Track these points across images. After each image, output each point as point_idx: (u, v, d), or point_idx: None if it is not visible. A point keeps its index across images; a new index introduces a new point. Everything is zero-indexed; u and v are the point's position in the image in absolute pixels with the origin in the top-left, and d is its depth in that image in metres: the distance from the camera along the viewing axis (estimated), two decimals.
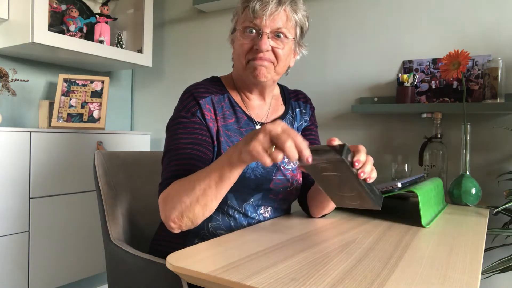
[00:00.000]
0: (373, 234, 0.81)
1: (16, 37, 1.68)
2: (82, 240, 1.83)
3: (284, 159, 0.97)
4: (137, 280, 0.89)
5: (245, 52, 0.92)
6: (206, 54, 2.15)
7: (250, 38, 0.91)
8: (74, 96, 1.93)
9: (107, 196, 1.05)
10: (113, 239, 0.99)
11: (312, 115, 1.11)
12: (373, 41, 1.67)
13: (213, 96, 0.94)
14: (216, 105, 0.94)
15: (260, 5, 0.88)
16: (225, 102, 0.96)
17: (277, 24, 0.90)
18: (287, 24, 0.92)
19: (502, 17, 1.42)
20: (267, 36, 0.90)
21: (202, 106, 0.91)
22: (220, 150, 0.90)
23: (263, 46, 0.89)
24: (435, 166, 1.36)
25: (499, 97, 1.34)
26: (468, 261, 0.64)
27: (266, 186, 0.94)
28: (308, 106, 1.11)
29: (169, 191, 0.80)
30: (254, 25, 0.90)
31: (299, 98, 1.11)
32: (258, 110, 1.01)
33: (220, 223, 0.92)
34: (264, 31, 0.89)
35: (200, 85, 0.95)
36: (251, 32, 0.90)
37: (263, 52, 0.90)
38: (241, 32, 0.91)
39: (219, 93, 0.96)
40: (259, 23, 0.89)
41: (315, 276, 0.55)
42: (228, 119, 0.95)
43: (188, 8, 2.22)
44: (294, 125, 1.06)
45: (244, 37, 0.91)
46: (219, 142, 0.91)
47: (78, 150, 1.81)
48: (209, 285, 0.56)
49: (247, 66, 0.93)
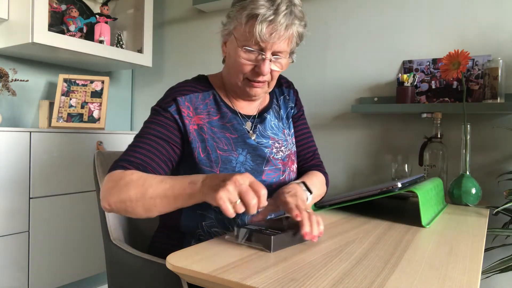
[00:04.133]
0: (373, 234, 0.81)
1: (16, 37, 1.68)
2: (82, 240, 1.83)
3: (272, 154, 0.99)
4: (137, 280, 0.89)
5: (245, 71, 0.91)
6: (206, 54, 2.15)
7: (252, 58, 0.89)
8: (74, 96, 1.93)
9: None
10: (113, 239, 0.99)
11: (297, 100, 1.12)
12: (373, 41, 1.67)
13: (195, 94, 0.95)
14: (198, 102, 0.94)
15: (267, 29, 0.84)
16: (210, 99, 0.97)
17: (279, 48, 0.89)
18: (288, 46, 0.91)
19: (502, 17, 1.42)
20: (269, 60, 0.89)
21: (180, 103, 0.92)
22: (206, 148, 0.91)
23: (266, 71, 0.89)
24: (435, 166, 1.36)
25: (499, 97, 1.34)
26: (468, 261, 0.64)
27: (258, 178, 0.95)
28: (292, 91, 1.11)
29: (122, 175, 0.80)
30: (258, 48, 0.88)
31: (281, 84, 1.11)
32: (247, 107, 1.02)
33: (213, 221, 0.92)
34: (267, 56, 0.88)
35: (183, 84, 0.97)
36: (252, 52, 0.89)
37: (263, 75, 0.90)
38: (243, 51, 0.89)
39: (203, 90, 0.97)
40: (264, 46, 0.87)
41: (315, 276, 0.55)
42: (213, 116, 0.96)
43: (188, 8, 2.22)
44: (281, 114, 1.07)
45: (245, 56, 0.89)
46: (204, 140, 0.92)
47: (78, 150, 1.81)
48: (209, 285, 0.55)
49: (243, 83, 0.93)
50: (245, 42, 0.88)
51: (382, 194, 0.92)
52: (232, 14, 0.91)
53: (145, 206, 0.76)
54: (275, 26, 0.84)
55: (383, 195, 0.92)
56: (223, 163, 0.92)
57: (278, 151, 1.01)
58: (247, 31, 0.86)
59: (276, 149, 1.01)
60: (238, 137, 0.96)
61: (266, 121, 1.02)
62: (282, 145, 1.03)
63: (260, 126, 1.01)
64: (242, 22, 0.86)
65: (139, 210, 0.77)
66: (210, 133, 0.93)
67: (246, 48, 0.88)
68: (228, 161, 0.92)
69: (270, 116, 1.04)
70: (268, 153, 0.98)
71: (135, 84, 2.48)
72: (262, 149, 0.98)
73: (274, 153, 1.00)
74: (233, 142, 0.95)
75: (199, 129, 0.92)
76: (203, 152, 0.91)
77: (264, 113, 1.04)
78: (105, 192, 0.80)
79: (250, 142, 0.96)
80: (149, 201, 0.75)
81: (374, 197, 0.93)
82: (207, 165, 0.91)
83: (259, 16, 0.84)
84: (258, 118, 1.02)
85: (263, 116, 1.03)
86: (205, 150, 0.91)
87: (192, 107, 0.93)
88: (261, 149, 0.98)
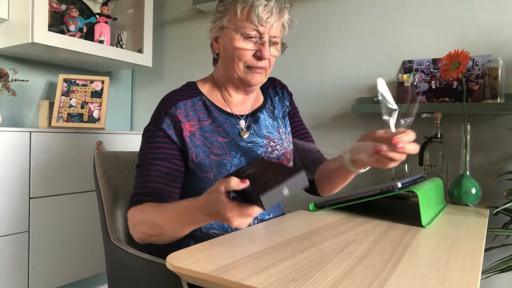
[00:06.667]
0: (373, 234, 0.81)
1: (16, 37, 1.68)
2: (82, 240, 1.83)
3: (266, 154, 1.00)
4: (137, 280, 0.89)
5: (245, 58, 0.93)
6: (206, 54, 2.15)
7: (251, 44, 0.92)
8: (74, 96, 1.93)
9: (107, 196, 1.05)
10: (113, 239, 0.99)
11: (291, 100, 1.15)
12: (373, 41, 1.67)
13: (184, 101, 0.96)
14: (189, 108, 0.95)
15: (263, 13, 0.89)
16: (199, 105, 0.97)
17: (275, 33, 0.93)
18: (282, 32, 0.96)
19: (502, 17, 1.42)
20: (268, 44, 0.92)
21: (172, 112, 0.92)
22: (199, 153, 0.92)
23: (267, 54, 0.92)
24: (435, 166, 1.36)
25: (499, 97, 1.34)
26: (468, 261, 0.64)
27: None
28: (285, 92, 1.14)
29: (140, 214, 0.86)
30: (258, 32, 0.91)
31: (275, 85, 1.14)
32: (240, 105, 1.03)
33: (212, 223, 0.92)
34: (266, 39, 0.92)
35: (170, 95, 0.98)
36: (251, 38, 0.92)
37: (265, 59, 0.93)
38: (242, 37, 0.92)
39: (192, 96, 0.98)
40: (263, 30, 0.91)
41: (315, 276, 0.55)
42: (204, 121, 0.96)
43: (188, 8, 2.22)
44: (275, 113, 1.08)
45: (245, 43, 0.92)
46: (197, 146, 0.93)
47: (78, 150, 1.81)
48: (209, 285, 0.56)
49: (244, 71, 0.95)
50: (243, 29, 0.91)
51: (382, 194, 0.92)
52: (222, 9, 0.95)
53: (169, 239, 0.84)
54: (271, 10, 0.90)
55: (383, 195, 0.92)
56: (217, 168, 0.92)
57: (273, 150, 1.02)
58: (244, 18, 0.90)
59: (271, 148, 1.02)
60: (230, 141, 0.96)
61: (260, 121, 1.03)
62: (277, 144, 1.03)
63: (255, 125, 1.02)
64: (237, 12, 0.90)
65: (165, 240, 0.85)
66: (202, 139, 0.94)
67: (246, 33, 0.91)
68: (223, 165, 0.93)
69: (264, 116, 1.05)
70: (263, 153, 0.99)
71: (135, 84, 2.48)
72: (255, 150, 0.98)
73: (269, 152, 1.01)
74: (226, 146, 0.95)
75: (191, 135, 0.93)
76: (197, 157, 0.92)
77: (258, 113, 1.04)
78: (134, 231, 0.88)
79: (242, 145, 0.97)
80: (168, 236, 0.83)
81: (374, 197, 0.93)
82: (202, 170, 0.92)
83: (254, 2, 0.89)
84: (251, 117, 1.03)
85: (256, 116, 1.04)
86: (199, 155, 0.92)
87: (183, 114, 0.94)
88: (254, 150, 0.98)
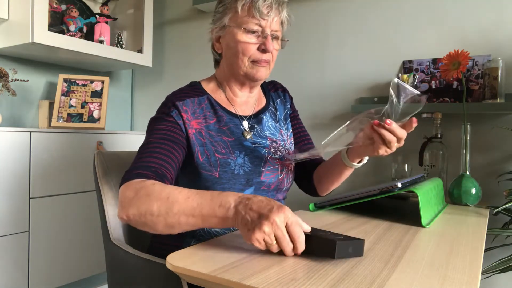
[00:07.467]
0: (373, 234, 0.81)
1: (16, 37, 1.68)
2: (82, 240, 1.83)
3: (269, 154, 1.01)
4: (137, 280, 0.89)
5: (250, 52, 0.94)
6: (206, 54, 2.15)
7: (254, 39, 0.94)
8: (74, 96, 1.93)
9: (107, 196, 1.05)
10: (113, 239, 0.99)
11: (291, 103, 1.17)
12: (373, 41, 1.67)
13: (191, 99, 0.97)
14: (196, 106, 0.96)
15: (263, 7, 0.92)
16: (205, 103, 0.99)
17: (275, 27, 0.96)
18: (281, 26, 0.99)
19: (502, 17, 1.42)
20: (271, 37, 0.95)
21: (179, 106, 0.93)
22: (204, 152, 0.92)
23: (270, 47, 0.94)
24: (435, 166, 1.36)
25: (499, 97, 1.34)
26: (468, 261, 0.64)
27: (257, 179, 0.96)
28: (287, 95, 1.16)
29: (142, 184, 0.75)
30: (260, 26, 0.93)
31: (277, 88, 1.16)
32: (244, 106, 1.04)
33: None
34: (268, 33, 0.94)
35: (178, 91, 0.99)
36: (254, 32, 0.94)
37: (269, 52, 0.95)
38: (245, 32, 0.94)
39: (198, 95, 0.99)
40: (265, 24, 0.93)
41: (315, 276, 0.55)
42: (210, 120, 0.97)
43: (188, 8, 2.22)
44: (278, 115, 1.10)
45: (249, 37, 0.94)
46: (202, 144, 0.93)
47: (78, 150, 1.81)
48: (209, 285, 0.55)
49: (249, 66, 0.96)
50: (245, 25, 0.93)
51: (382, 194, 0.92)
52: (222, 9, 0.97)
53: (168, 223, 0.70)
54: (270, 5, 0.93)
55: (383, 195, 0.92)
56: (222, 166, 0.93)
57: (276, 151, 1.02)
58: (246, 14, 0.93)
59: (274, 149, 1.02)
60: (235, 140, 0.97)
61: (263, 122, 1.04)
62: (280, 145, 1.04)
63: (258, 126, 1.03)
64: (238, 9, 0.93)
65: (160, 226, 0.71)
66: (208, 137, 0.94)
67: (248, 28, 0.93)
68: (227, 164, 0.93)
69: (267, 117, 1.06)
70: (266, 154, 1.00)
71: (135, 84, 2.48)
72: (259, 150, 0.99)
73: (272, 153, 1.01)
74: (230, 145, 0.96)
75: (197, 133, 0.93)
76: (202, 156, 0.92)
77: (260, 114, 1.06)
78: (123, 203, 0.74)
79: (246, 145, 0.98)
80: (173, 217, 0.70)
81: (374, 197, 0.93)
82: (207, 169, 0.92)
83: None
84: (254, 118, 1.04)
85: (260, 117, 1.05)
86: (204, 154, 0.92)
87: (190, 111, 0.94)
88: (258, 150, 0.99)
